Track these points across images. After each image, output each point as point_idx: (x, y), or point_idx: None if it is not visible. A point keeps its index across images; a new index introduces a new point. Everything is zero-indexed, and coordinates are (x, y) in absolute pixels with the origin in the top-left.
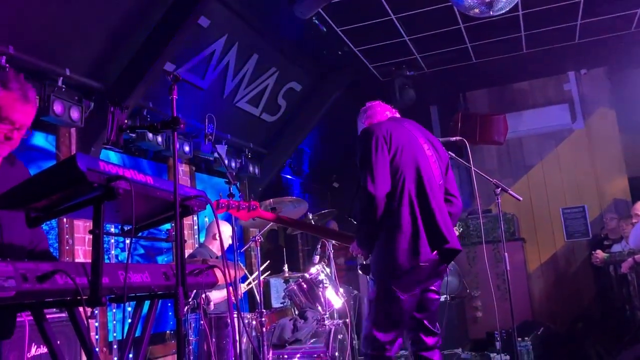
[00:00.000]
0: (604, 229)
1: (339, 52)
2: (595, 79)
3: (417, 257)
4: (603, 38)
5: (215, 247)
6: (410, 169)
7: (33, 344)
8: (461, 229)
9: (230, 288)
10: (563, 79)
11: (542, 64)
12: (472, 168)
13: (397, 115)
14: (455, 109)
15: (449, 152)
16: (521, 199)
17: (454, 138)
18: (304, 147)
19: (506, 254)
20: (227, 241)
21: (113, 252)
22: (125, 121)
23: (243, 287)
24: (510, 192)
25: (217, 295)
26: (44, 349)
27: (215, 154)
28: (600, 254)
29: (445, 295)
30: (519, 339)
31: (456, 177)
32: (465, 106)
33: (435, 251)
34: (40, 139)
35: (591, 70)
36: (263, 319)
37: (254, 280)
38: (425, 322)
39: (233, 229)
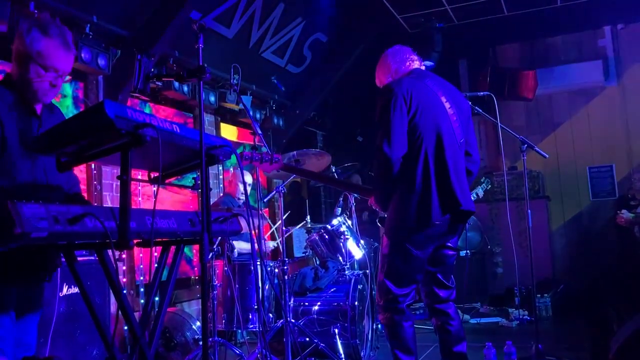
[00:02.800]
0: (631, 189)
1: (367, 2)
2: (632, 35)
3: (428, 219)
4: None
5: (238, 197)
6: (430, 130)
7: (65, 284)
8: (489, 186)
9: (254, 237)
10: (598, 34)
11: (576, 18)
12: (499, 124)
13: (419, 64)
14: (484, 63)
15: (476, 108)
16: (547, 156)
17: (482, 93)
18: (328, 100)
19: (529, 211)
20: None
21: (139, 199)
22: (152, 69)
23: (270, 245)
24: (537, 148)
25: (243, 246)
26: (74, 289)
27: (240, 105)
28: (625, 214)
29: (466, 251)
30: (538, 295)
31: (482, 132)
32: (495, 60)
33: (448, 213)
34: (67, 86)
35: (629, 25)
36: (285, 267)
37: (278, 236)
38: (439, 275)
39: (257, 179)
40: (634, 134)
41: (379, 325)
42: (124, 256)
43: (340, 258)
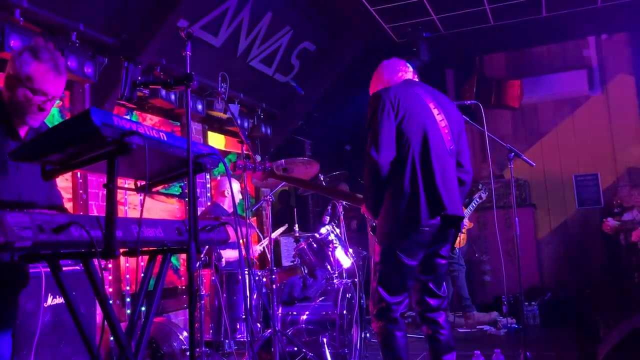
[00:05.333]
0: (616, 197)
1: (354, 11)
2: (616, 45)
3: (418, 222)
4: (626, 2)
5: (226, 205)
6: (417, 135)
7: (49, 295)
8: (487, 192)
9: (242, 245)
10: (582, 44)
11: (561, 28)
12: (486, 132)
13: (412, 75)
14: (471, 73)
15: (463, 116)
16: (534, 164)
17: (469, 102)
18: (316, 108)
19: (517, 219)
20: (235, 197)
21: (126, 208)
22: (139, 77)
23: (257, 249)
24: (524, 157)
25: (230, 254)
26: (60, 300)
27: (228, 114)
28: (611, 221)
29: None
30: (526, 303)
31: (469, 141)
32: (482, 70)
33: (437, 217)
34: None
35: (612, 36)
36: (273, 277)
37: (263, 238)
38: (430, 284)
39: (242, 185)
40: (619, 142)
41: (368, 334)
42: (110, 265)
43: (329, 267)
